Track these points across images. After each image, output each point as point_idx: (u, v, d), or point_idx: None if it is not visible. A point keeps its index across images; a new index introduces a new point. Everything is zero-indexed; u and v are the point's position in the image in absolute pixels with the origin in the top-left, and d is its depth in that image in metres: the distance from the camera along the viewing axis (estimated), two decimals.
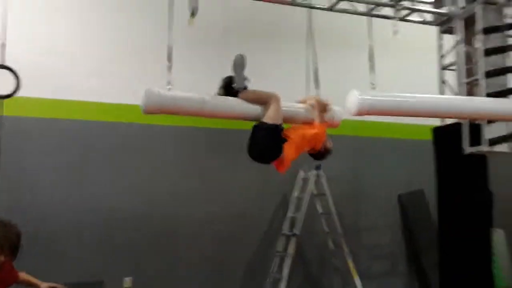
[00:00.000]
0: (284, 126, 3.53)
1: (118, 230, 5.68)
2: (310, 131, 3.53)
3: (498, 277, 6.46)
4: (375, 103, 3.35)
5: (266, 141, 3.32)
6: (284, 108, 3.46)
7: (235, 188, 6.32)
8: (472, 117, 4.70)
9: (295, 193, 6.39)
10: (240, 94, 3.43)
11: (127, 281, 5.62)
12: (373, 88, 3.42)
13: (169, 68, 3.07)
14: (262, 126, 3.33)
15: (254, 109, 3.36)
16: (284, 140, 3.38)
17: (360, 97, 3.31)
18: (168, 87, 3.03)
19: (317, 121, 3.55)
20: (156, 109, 2.95)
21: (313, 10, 4.23)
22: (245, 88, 3.45)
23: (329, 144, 3.71)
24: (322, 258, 6.66)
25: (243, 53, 3.44)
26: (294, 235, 5.98)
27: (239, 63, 3.42)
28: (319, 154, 3.73)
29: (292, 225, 6.17)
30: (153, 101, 2.92)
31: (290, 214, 6.33)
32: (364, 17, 5.28)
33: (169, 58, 3.13)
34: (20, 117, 5.46)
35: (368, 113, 3.39)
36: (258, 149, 3.36)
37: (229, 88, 3.47)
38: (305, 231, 6.15)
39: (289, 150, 3.39)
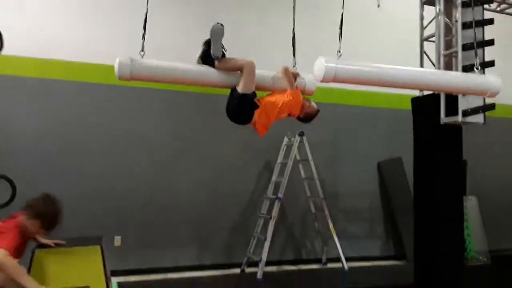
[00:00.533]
0: (264, 93, 3.76)
1: (107, 195, 5.86)
2: (283, 99, 3.72)
3: (469, 242, 6.79)
4: (341, 71, 3.41)
5: (237, 108, 3.62)
6: (259, 76, 3.65)
7: (221, 155, 6.47)
8: (430, 89, 4.82)
9: (279, 159, 6.59)
10: (216, 63, 3.59)
11: (117, 239, 5.90)
12: (340, 56, 3.49)
13: (143, 35, 3.16)
14: (234, 94, 3.59)
15: (227, 78, 3.56)
16: (255, 106, 3.60)
17: (326, 64, 3.37)
18: (141, 54, 3.12)
19: (288, 89, 3.73)
20: (129, 76, 3.09)
21: None
22: (223, 55, 3.58)
23: (309, 108, 3.89)
24: (304, 220, 6.90)
25: (222, 23, 3.50)
26: (277, 198, 6.17)
27: (217, 32, 3.49)
28: (302, 118, 3.95)
29: (276, 189, 6.36)
30: (126, 69, 3.03)
31: (274, 178, 6.55)
32: None
33: (144, 25, 3.21)
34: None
35: (334, 81, 3.47)
36: (230, 114, 3.68)
37: (207, 56, 3.61)
38: (288, 194, 6.33)
39: (260, 116, 3.66)
